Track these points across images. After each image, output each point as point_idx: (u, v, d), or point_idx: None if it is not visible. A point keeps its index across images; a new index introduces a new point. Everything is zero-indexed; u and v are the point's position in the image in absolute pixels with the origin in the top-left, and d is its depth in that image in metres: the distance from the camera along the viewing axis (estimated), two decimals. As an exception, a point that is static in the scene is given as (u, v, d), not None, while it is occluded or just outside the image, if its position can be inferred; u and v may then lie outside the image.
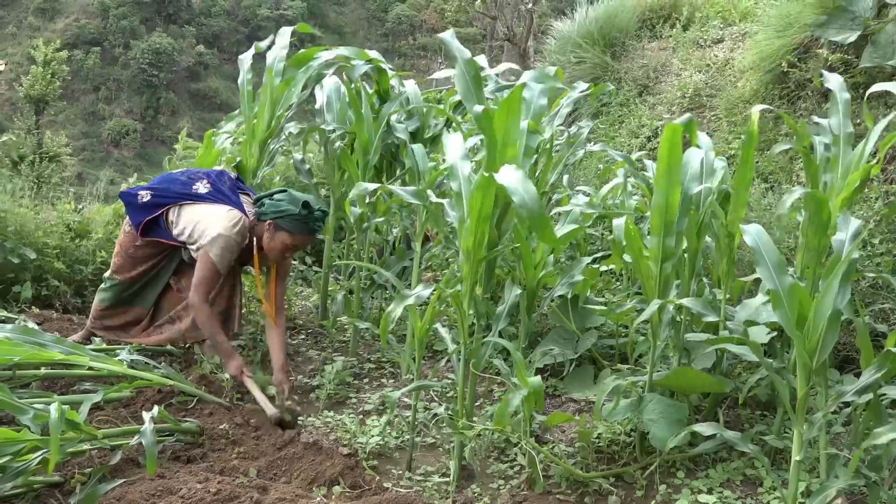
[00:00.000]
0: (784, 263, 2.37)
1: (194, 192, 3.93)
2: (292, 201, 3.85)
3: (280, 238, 3.88)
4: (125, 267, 4.10)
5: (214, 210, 3.88)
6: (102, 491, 2.77)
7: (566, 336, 3.95)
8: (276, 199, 3.87)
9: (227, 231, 3.79)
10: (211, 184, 3.97)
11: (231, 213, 3.86)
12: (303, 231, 3.90)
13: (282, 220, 3.84)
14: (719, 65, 7.14)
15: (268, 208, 3.88)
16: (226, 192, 3.98)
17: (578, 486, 3.04)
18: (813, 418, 2.47)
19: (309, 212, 3.84)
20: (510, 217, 2.99)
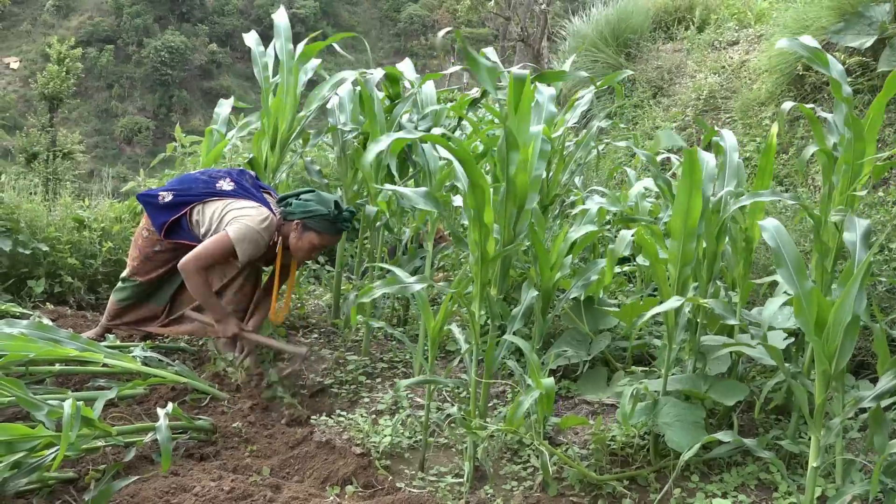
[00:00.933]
0: (804, 266, 2.35)
1: (219, 189, 3.92)
2: (321, 202, 3.84)
3: (308, 238, 3.88)
4: (144, 270, 4.08)
5: (243, 204, 3.86)
6: (116, 488, 2.77)
7: (580, 338, 3.94)
8: (305, 200, 3.86)
9: (255, 224, 3.77)
10: (234, 182, 3.96)
11: (260, 210, 3.85)
12: (331, 231, 3.90)
13: (311, 220, 3.84)
14: (734, 67, 7.11)
15: (296, 208, 3.86)
16: (250, 190, 3.97)
17: (592, 488, 3.03)
18: (830, 424, 2.45)
19: (339, 212, 3.85)
20: (525, 218, 2.98)
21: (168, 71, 66.12)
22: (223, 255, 3.79)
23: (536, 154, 2.96)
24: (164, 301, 4.19)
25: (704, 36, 8.00)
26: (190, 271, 3.75)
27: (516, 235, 2.98)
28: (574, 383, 3.97)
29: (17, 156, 22.22)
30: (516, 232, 2.98)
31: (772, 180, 5.21)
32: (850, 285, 2.22)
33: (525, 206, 2.96)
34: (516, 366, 3.23)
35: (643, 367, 3.71)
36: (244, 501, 2.73)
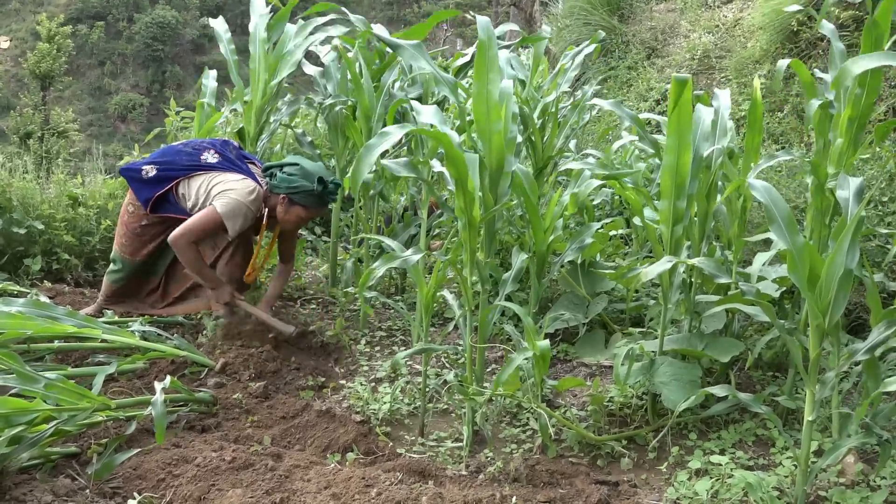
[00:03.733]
0: (795, 221, 2.35)
1: (203, 161, 3.90)
2: (306, 176, 3.82)
3: (295, 212, 3.89)
4: (134, 247, 4.06)
5: (229, 177, 3.85)
6: (118, 461, 2.80)
7: (577, 301, 3.95)
8: (289, 174, 3.84)
9: (243, 198, 3.77)
10: (219, 153, 3.94)
11: (247, 182, 3.84)
12: (317, 205, 3.91)
13: (296, 194, 3.84)
14: (728, 25, 7.05)
15: (280, 182, 3.85)
16: (235, 162, 3.95)
17: (591, 449, 3.06)
18: (825, 378, 2.47)
19: (324, 188, 3.84)
20: (505, 180, 2.97)
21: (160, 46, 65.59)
22: (213, 229, 3.79)
23: (509, 116, 2.93)
24: (159, 273, 4.19)
25: (698, -6, 7.92)
26: (181, 246, 3.75)
27: (498, 198, 2.96)
28: (572, 346, 3.99)
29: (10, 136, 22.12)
30: (498, 195, 2.96)
31: (766, 137, 5.22)
32: (842, 240, 2.22)
33: (504, 168, 2.94)
34: (514, 330, 3.24)
35: (641, 329, 3.73)
36: (246, 471, 2.76)
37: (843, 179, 2.49)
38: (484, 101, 2.87)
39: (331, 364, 3.96)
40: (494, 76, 2.86)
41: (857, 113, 2.79)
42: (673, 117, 2.87)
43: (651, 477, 2.89)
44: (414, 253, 2.98)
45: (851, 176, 2.49)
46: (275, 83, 4.40)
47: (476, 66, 2.86)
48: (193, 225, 3.75)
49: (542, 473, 2.82)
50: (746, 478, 2.56)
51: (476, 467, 2.94)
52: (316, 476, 2.72)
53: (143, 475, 2.73)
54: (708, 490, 2.65)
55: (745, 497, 2.60)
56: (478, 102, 2.87)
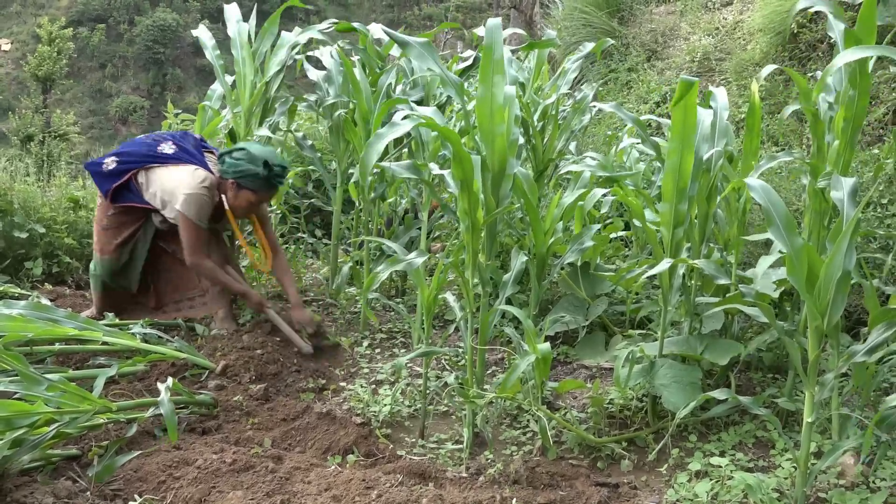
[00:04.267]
0: (794, 223, 2.36)
1: (160, 153, 3.97)
2: (251, 160, 3.86)
3: (244, 196, 3.95)
4: (102, 242, 4.11)
5: (181, 171, 3.92)
6: (119, 463, 2.80)
7: (577, 303, 3.95)
8: (236, 158, 3.89)
9: (195, 189, 3.85)
10: (176, 144, 4.01)
11: (198, 172, 3.91)
12: (265, 189, 3.96)
13: (243, 179, 3.89)
14: (728, 28, 7.06)
15: (228, 167, 3.90)
16: (191, 152, 4.02)
17: (591, 451, 3.06)
18: (824, 379, 2.47)
19: (269, 171, 3.87)
20: (507, 182, 2.97)
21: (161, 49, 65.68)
22: (198, 233, 3.89)
23: (512, 119, 2.94)
24: (136, 278, 4.21)
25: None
26: (196, 264, 3.92)
27: (499, 201, 2.97)
28: (572, 348, 3.99)
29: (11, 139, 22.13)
30: (499, 197, 2.97)
31: (766, 140, 5.22)
32: (840, 241, 2.22)
33: (506, 171, 2.95)
34: (514, 333, 3.25)
35: (641, 331, 3.73)
36: (246, 473, 2.76)
37: (836, 180, 2.50)
38: (488, 104, 2.87)
39: (331, 366, 3.96)
40: (499, 79, 2.87)
41: (851, 114, 2.79)
42: (677, 119, 2.88)
43: (651, 479, 2.89)
44: (417, 256, 2.99)
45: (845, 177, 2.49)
46: (261, 83, 4.41)
47: (481, 69, 2.87)
48: (187, 242, 3.89)
49: (542, 475, 2.83)
50: (746, 479, 2.57)
51: (476, 469, 2.95)
52: (316, 478, 2.73)
53: (143, 477, 2.74)
54: (708, 492, 2.65)
55: (745, 499, 2.60)
56: (481, 105, 2.88)
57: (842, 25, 2.91)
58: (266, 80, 4.41)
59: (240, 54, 4.47)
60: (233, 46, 4.51)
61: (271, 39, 4.54)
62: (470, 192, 2.82)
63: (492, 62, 2.86)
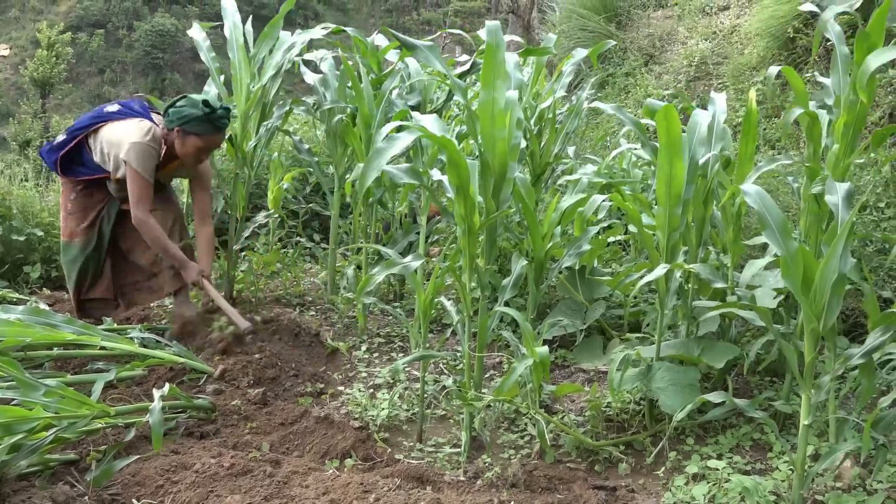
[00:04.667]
0: (789, 227, 2.36)
1: (104, 112, 4.02)
2: (192, 104, 3.89)
3: (191, 142, 3.95)
4: (73, 226, 4.15)
5: (126, 123, 3.96)
6: (117, 467, 2.80)
7: (575, 307, 3.96)
8: (178, 106, 3.92)
9: (139, 139, 3.88)
10: (120, 104, 4.07)
11: (141, 124, 3.94)
12: (210, 131, 3.96)
13: (187, 124, 3.91)
14: (725, 32, 7.08)
15: (172, 116, 3.93)
16: (135, 109, 4.06)
17: (589, 454, 3.07)
18: (820, 382, 2.47)
19: (211, 110, 3.90)
20: (507, 187, 2.98)
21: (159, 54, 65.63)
22: (145, 185, 3.91)
23: (514, 123, 2.94)
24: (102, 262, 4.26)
25: (695, 1, 7.95)
26: (141, 220, 3.89)
27: (499, 205, 2.97)
28: (570, 352, 3.99)
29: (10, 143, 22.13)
30: (499, 201, 2.97)
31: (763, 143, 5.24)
32: (835, 244, 2.23)
33: (507, 175, 2.95)
34: (512, 336, 3.25)
35: (638, 335, 3.73)
36: (244, 477, 2.76)
37: (831, 185, 2.51)
38: (489, 108, 2.88)
39: (329, 370, 3.97)
40: (501, 83, 2.88)
41: (853, 118, 2.81)
42: (661, 130, 2.89)
43: (648, 482, 2.90)
44: (413, 260, 2.99)
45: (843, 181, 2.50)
46: (257, 87, 4.41)
47: (483, 72, 2.88)
48: (133, 195, 3.88)
49: (539, 479, 2.83)
50: (743, 482, 2.57)
51: (474, 473, 2.95)
52: (314, 482, 2.73)
53: (141, 482, 2.74)
54: (705, 495, 2.65)
55: (742, 502, 2.60)
56: (483, 108, 2.89)
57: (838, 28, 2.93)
58: (263, 84, 4.40)
59: (236, 57, 4.46)
60: (229, 49, 4.50)
61: (271, 44, 4.52)
62: (466, 196, 2.82)
63: (494, 65, 2.87)
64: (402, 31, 4.00)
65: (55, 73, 27.19)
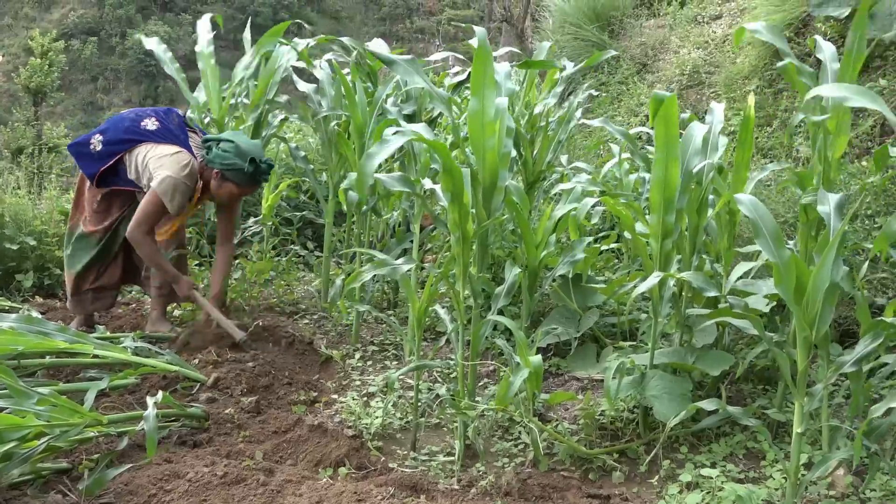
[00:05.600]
0: (782, 235, 2.38)
1: (143, 129, 3.98)
2: (239, 154, 3.88)
3: (227, 187, 3.98)
4: (96, 222, 4.16)
5: (164, 150, 3.92)
6: (110, 476, 2.78)
7: (568, 315, 3.96)
8: (224, 150, 3.90)
9: (176, 174, 3.86)
10: (159, 121, 4.02)
11: (179, 156, 3.91)
12: (249, 184, 3.99)
13: (229, 171, 3.91)
14: (717, 41, 7.12)
15: (215, 158, 3.92)
16: (174, 131, 4.03)
17: (582, 462, 3.06)
18: (813, 390, 2.48)
19: (256, 168, 3.90)
20: (498, 195, 2.98)
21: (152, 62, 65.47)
22: (159, 213, 3.89)
23: (504, 131, 2.95)
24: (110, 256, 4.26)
25: (687, 11, 8.00)
26: (138, 239, 3.87)
27: (490, 213, 2.98)
28: (564, 360, 4.00)
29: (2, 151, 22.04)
30: (490, 209, 2.98)
31: (756, 152, 5.26)
32: (827, 253, 2.24)
33: (497, 183, 2.96)
34: (506, 344, 3.26)
35: (632, 343, 3.74)
36: (238, 486, 2.75)
37: (822, 195, 2.53)
38: (479, 117, 2.89)
39: (323, 379, 3.96)
40: (490, 92, 2.88)
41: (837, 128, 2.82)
42: (660, 132, 2.90)
43: (642, 490, 2.90)
44: (404, 263, 2.99)
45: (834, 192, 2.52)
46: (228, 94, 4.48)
47: (472, 81, 2.88)
48: (141, 214, 3.86)
49: (533, 487, 2.83)
50: (737, 490, 2.57)
51: (468, 481, 2.94)
52: (308, 491, 2.72)
53: (134, 490, 2.72)
54: (699, 503, 2.66)
55: (736, 510, 2.60)
56: (473, 118, 2.89)
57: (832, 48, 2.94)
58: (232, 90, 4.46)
59: (205, 66, 4.59)
60: (199, 58, 4.61)
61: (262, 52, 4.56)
62: (460, 204, 2.83)
63: (483, 74, 2.88)
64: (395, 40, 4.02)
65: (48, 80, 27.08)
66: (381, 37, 4.70)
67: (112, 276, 4.28)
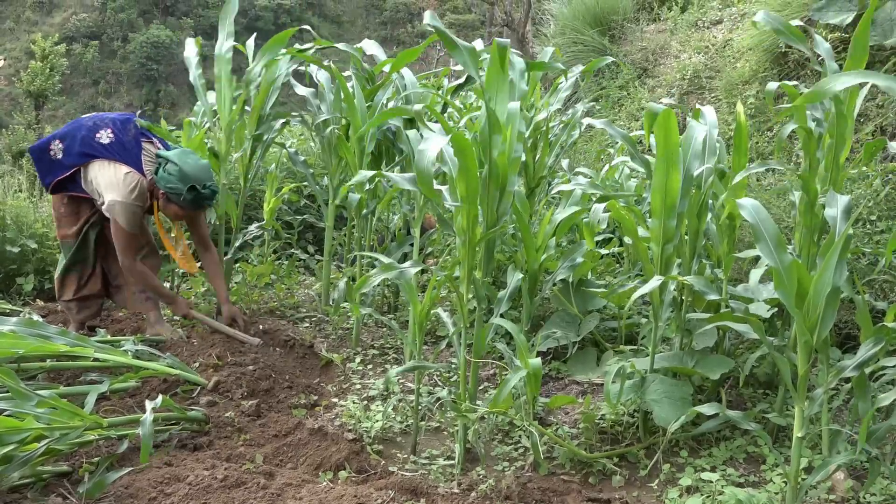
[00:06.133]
0: (783, 240, 2.38)
1: (97, 143, 4.00)
2: (182, 179, 3.92)
3: (173, 209, 4.06)
4: (65, 227, 4.20)
5: (112, 173, 3.96)
6: (110, 479, 2.78)
7: (568, 319, 3.96)
8: (168, 174, 3.94)
9: (125, 198, 3.92)
10: (114, 133, 4.04)
11: (128, 179, 3.95)
12: (191, 207, 4.04)
13: (172, 195, 3.97)
14: (718, 46, 7.12)
15: (160, 180, 3.97)
16: (126, 146, 4.04)
17: (582, 466, 3.06)
18: (814, 394, 2.48)
19: (195, 194, 3.93)
20: (507, 199, 2.98)
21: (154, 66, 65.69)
22: (131, 237, 3.97)
23: (515, 135, 2.95)
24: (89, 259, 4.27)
25: (688, 16, 8.00)
26: (129, 269, 4.01)
27: (499, 217, 2.98)
28: (564, 364, 3.99)
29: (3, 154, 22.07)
30: (499, 214, 2.98)
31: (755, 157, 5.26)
32: (830, 257, 2.25)
33: (507, 188, 2.96)
34: (506, 348, 3.26)
35: (633, 347, 3.74)
36: (238, 489, 2.75)
37: (831, 197, 2.53)
38: (492, 120, 2.89)
39: (323, 382, 3.96)
40: (503, 95, 2.89)
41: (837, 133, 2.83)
42: (660, 139, 2.91)
43: (643, 494, 2.90)
44: (411, 266, 3.00)
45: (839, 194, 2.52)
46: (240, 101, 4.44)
47: (487, 83, 2.90)
48: (118, 244, 3.97)
49: (533, 491, 2.83)
50: (737, 495, 2.57)
51: (468, 485, 2.94)
52: (308, 494, 2.72)
53: (134, 494, 2.72)
54: (699, 507, 2.66)
55: (736, 514, 2.60)
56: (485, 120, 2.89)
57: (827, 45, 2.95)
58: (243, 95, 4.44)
59: (221, 71, 4.52)
60: (216, 63, 4.56)
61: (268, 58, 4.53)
62: (472, 206, 2.84)
63: (497, 80, 2.88)
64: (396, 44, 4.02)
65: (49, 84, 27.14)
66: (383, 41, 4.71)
67: (94, 286, 4.31)
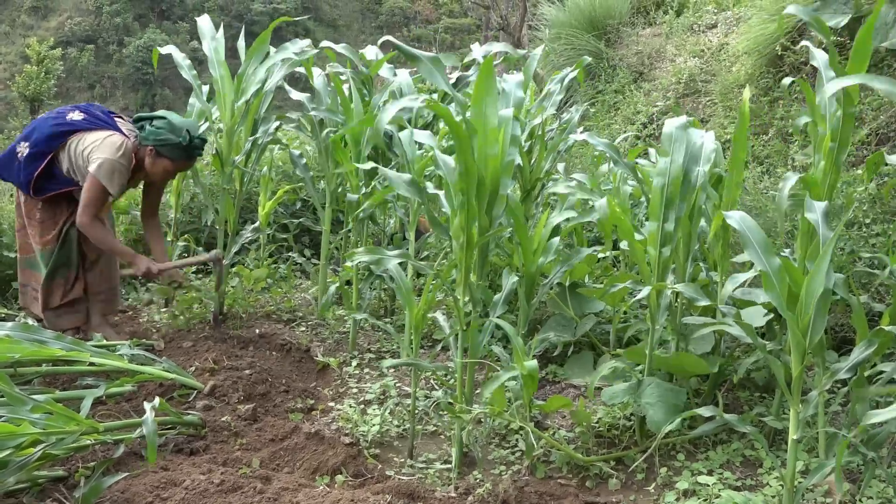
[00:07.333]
0: (770, 244, 2.39)
1: (69, 121, 3.97)
2: (173, 129, 3.93)
3: (161, 164, 4.02)
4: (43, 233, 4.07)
5: (95, 136, 3.92)
6: (106, 484, 2.77)
7: (565, 322, 3.97)
8: (157, 127, 3.94)
9: (112, 156, 3.87)
10: (82, 112, 4.03)
11: (112, 138, 3.92)
12: (183, 158, 4.04)
13: (163, 147, 3.95)
14: (714, 50, 7.14)
15: (149, 135, 3.95)
16: (101, 118, 4.03)
17: (579, 470, 3.06)
18: (809, 397, 2.49)
19: (190, 141, 3.94)
20: (500, 203, 2.99)
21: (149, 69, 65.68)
22: (102, 197, 3.90)
23: (508, 139, 2.96)
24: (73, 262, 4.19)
25: (683, 20, 8.02)
26: (86, 226, 3.89)
27: (492, 221, 2.99)
28: (561, 367, 4.00)
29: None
30: (492, 217, 2.99)
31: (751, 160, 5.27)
32: (819, 261, 2.26)
33: (499, 191, 2.97)
34: (503, 352, 3.26)
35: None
36: (234, 494, 2.75)
37: (809, 203, 2.55)
38: (482, 125, 2.90)
39: (320, 386, 3.96)
40: (492, 99, 2.90)
41: (837, 136, 2.84)
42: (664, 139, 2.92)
43: (639, 498, 2.90)
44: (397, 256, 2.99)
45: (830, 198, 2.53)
46: (241, 103, 4.40)
47: (476, 90, 2.90)
48: (84, 201, 3.87)
49: (530, 495, 2.83)
50: (734, 498, 2.58)
51: (465, 489, 2.94)
52: (305, 498, 2.72)
53: (130, 499, 2.72)
54: (696, 510, 2.66)
55: (733, 517, 2.60)
56: (475, 124, 2.90)
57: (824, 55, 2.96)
58: (247, 99, 4.40)
59: (217, 73, 4.43)
60: (210, 66, 4.46)
61: (259, 58, 4.49)
62: (470, 206, 2.85)
63: (485, 84, 2.89)
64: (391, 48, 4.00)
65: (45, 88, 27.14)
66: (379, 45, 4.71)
67: (79, 290, 4.25)
